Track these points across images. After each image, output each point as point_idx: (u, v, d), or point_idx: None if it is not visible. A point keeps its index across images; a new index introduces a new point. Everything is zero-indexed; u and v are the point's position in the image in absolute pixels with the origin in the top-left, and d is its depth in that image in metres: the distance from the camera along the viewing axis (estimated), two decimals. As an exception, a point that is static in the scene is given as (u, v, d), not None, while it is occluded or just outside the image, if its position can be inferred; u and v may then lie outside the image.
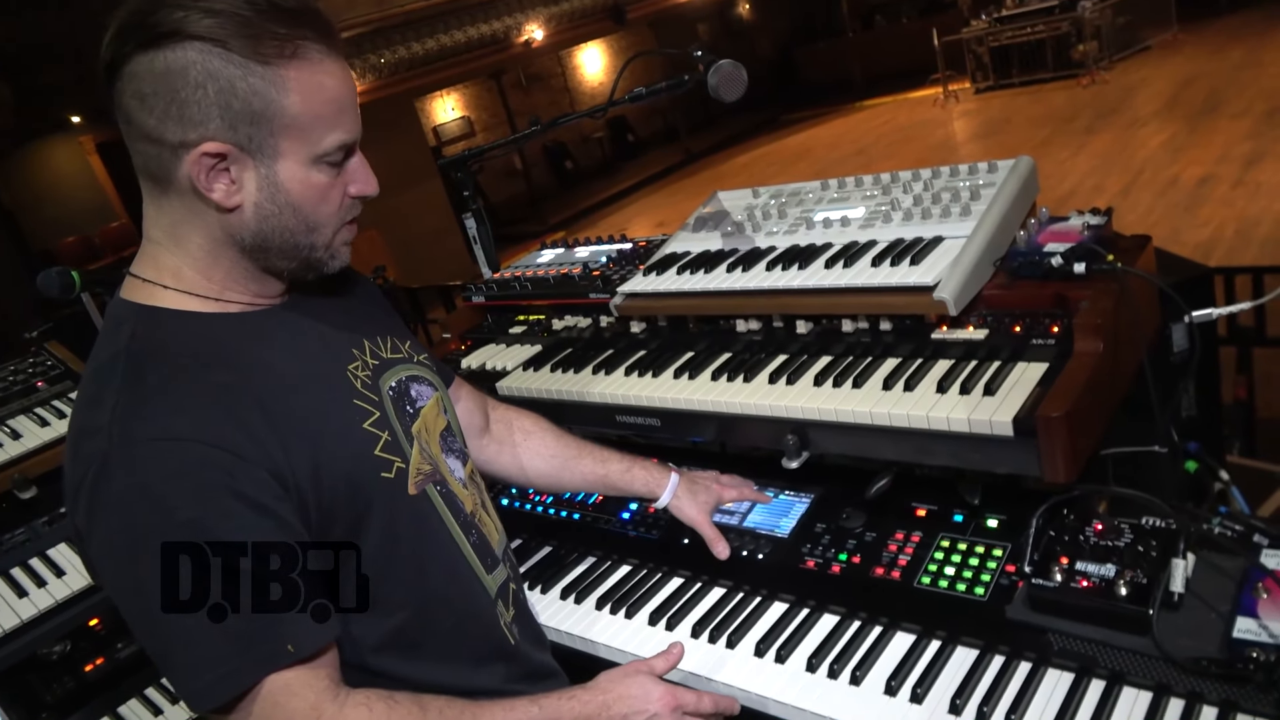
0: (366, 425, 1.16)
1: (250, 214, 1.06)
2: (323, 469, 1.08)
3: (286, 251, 1.10)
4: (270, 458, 1.02)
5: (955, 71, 13.38)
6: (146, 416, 0.99)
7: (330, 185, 1.09)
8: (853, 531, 1.60)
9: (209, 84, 0.98)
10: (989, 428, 1.34)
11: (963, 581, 1.41)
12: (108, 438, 0.97)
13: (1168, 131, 8.77)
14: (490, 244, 2.57)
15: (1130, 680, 1.21)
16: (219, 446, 0.99)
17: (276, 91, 1.00)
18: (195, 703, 0.98)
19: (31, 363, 2.46)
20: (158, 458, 0.97)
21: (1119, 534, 1.31)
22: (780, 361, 1.70)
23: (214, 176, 1.02)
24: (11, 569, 2.09)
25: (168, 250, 1.09)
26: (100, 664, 2.12)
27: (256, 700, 0.98)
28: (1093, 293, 1.43)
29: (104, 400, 1.00)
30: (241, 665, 0.97)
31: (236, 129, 1.00)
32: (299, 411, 1.09)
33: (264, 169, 1.04)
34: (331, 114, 1.05)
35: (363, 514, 1.13)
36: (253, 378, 1.08)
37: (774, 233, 1.92)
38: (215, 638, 0.97)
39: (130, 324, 1.06)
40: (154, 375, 1.02)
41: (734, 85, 1.67)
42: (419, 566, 1.20)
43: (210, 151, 1.00)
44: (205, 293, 1.10)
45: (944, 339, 1.57)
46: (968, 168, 1.82)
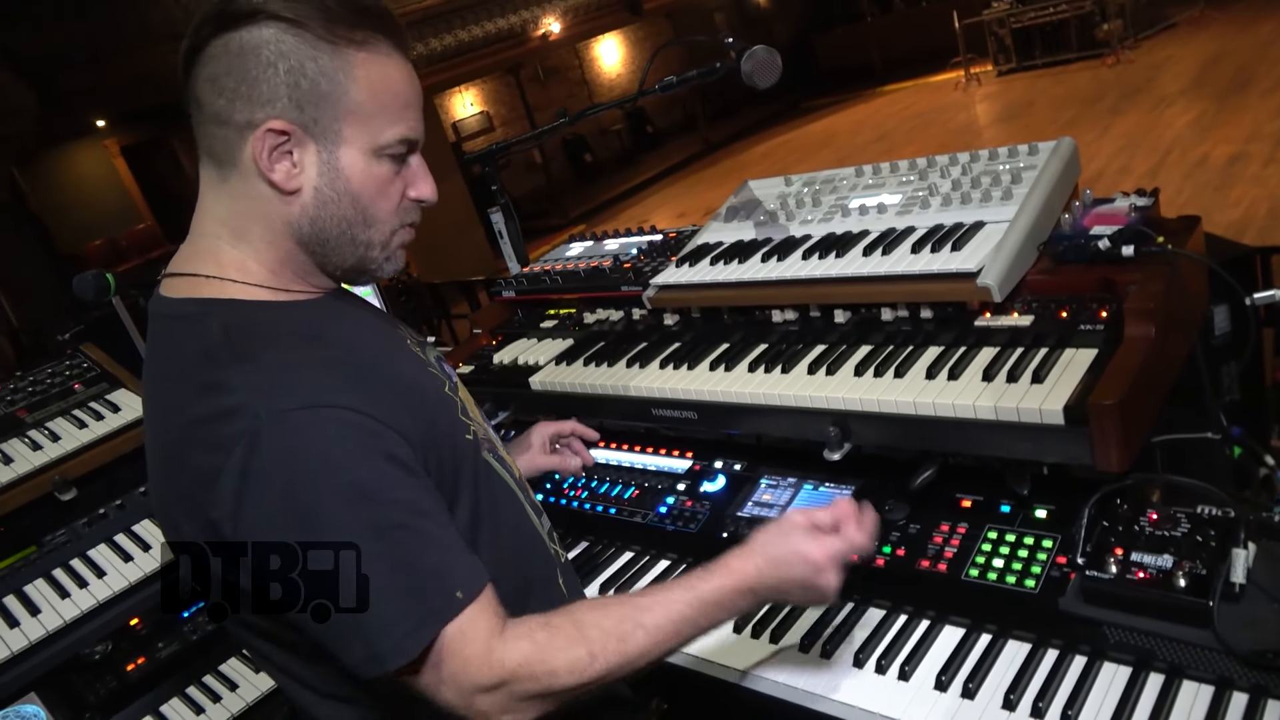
0: (445, 391, 1.20)
1: (310, 198, 1.07)
2: (435, 429, 1.11)
3: (343, 246, 1.11)
4: (400, 422, 1.03)
5: (976, 54, 13.23)
6: (285, 389, 0.98)
7: (390, 180, 1.10)
8: (896, 523, 1.57)
9: (280, 63, 1.01)
10: (1039, 416, 1.31)
11: (1012, 574, 1.39)
12: (253, 415, 0.96)
13: (1195, 110, 8.63)
14: (519, 238, 2.56)
15: (1190, 674, 1.19)
16: (360, 411, 1.00)
17: (344, 76, 1.03)
18: (377, 664, 0.96)
19: (68, 365, 2.47)
20: (312, 425, 0.97)
21: (1175, 524, 1.28)
22: (819, 352, 1.68)
23: (277, 157, 1.04)
24: (53, 570, 2.11)
25: (228, 244, 1.10)
26: (142, 663, 2.13)
27: (435, 652, 0.98)
28: (1142, 276, 1.40)
29: (229, 382, 0.99)
30: (423, 620, 0.97)
31: (303, 109, 1.02)
32: (401, 380, 1.12)
33: (326, 153, 1.05)
34: (396, 108, 1.07)
35: (460, 474, 1.15)
36: (352, 353, 1.09)
37: (808, 221, 1.90)
38: (392, 596, 0.96)
39: (215, 316, 1.05)
40: (270, 352, 1.02)
41: (769, 71, 1.64)
42: (498, 526, 1.22)
43: (275, 129, 1.02)
44: (270, 284, 1.10)
45: (988, 326, 1.53)
46: (1006, 150, 1.78)
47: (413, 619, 0.97)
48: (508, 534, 1.26)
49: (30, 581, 2.09)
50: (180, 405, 1.02)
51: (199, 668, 2.14)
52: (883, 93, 15.57)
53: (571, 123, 2.17)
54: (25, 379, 2.43)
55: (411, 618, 0.97)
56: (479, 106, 15.82)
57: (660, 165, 15.57)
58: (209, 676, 2.13)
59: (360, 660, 0.97)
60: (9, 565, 2.11)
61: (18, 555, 2.13)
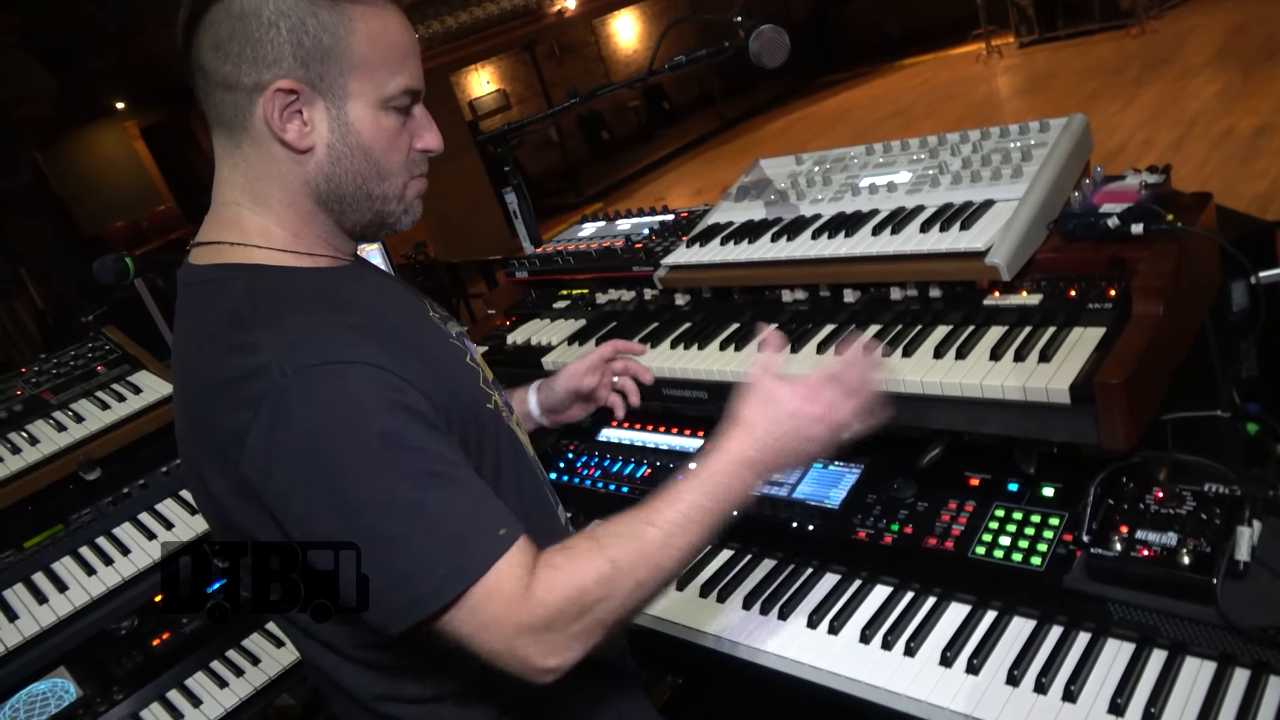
0: (466, 361, 1.22)
1: (323, 155, 1.08)
2: (457, 397, 1.12)
3: (360, 201, 1.12)
4: (423, 381, 1.05)
5: (997, 26, 13.01)
6: (310, 347, 1.00)
7: (398, 132, 1.11)
8: (904, 502, 1.58)
9: (281, 22, 1.02)
10: (1045, 395, 1.31)
11: (1018, 551, 1.40)
12: (279, 371, 0.97)
13: (1221, 81, 8.46)
14: (532, 219, 2.57)
15: (1193, 650, 1.19)
16: (384, 368, 1.01)
17: (344, 30, 1.04)
18: (421, 606, 0.96)
19: (91, 348, 2.52)
20: (337, 378, 0.98)
21: (1181, 501, 1.28)
22: (828, 331, 1.68)
23: (288, 116, 1.05)
24: (80, 548, 2.16)
25: (248, 210, 1.11)
26: (167, 638, 2.18)
27: (474, 596, 0.97)
28: (1151, 254, 1.40)
29: (254, 342, 1.00)
30: (469, 558, 0.97)
31: (309, 66, 1.04)
32: (423, 347, 1.14)
33: (334, 109, 1.07)
34: (397, 58, 1.08)
35: (483, 441, 1.17)
36: (377, 318, 1.11)
37: (819, 200, 1.89)
38: (434, 539, 0.97)
39: (240, 280, 1.07)
40: (294, 316, 1.03)
41: (776, 50, 1.64)
42: (520, 492, 1.24)
43: (283, 88, 1.03)
44: (294, 249, 1.12)
45: (996, 305, 1.54)
46: (1018, 127, 1.77)
47: (455, 559, 0.97)
48: (530, 502, 1.28)
49: (58, 559, 2.14)
50: (208, 367, 1.04)
51: (222, 643, 2.19)
52: (901, 66, 15.36)
53: (582, 102, 2.17)
54: (50, 361, 2.47)
55: (454, 558, 0.97)
56: (495, 84, 15.77)
57: (677, 142, 15.49)
58: (232, 651, 2.18)
59: (400, 607, 0.97)
60: (37, 543, 2.16)
61: (45, 533, 2.18)
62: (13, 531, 2.16)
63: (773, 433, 1.13)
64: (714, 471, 1.11)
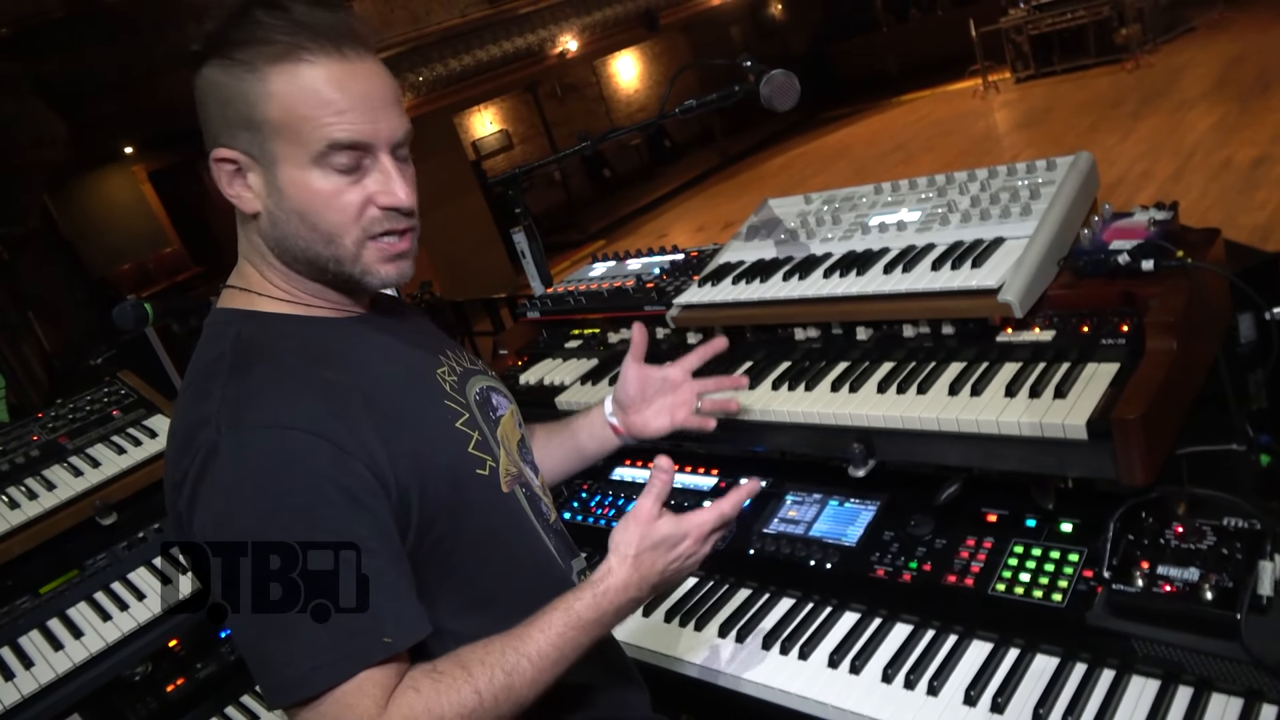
0: (458, 425, 1.20)
1: (266, 221, 1.11)
2: (425, 464, 1.10)
3: (312, 261, 1.11)
4: (370, 453, 1.04)
5: (994, 61, 13.19)
6: (253, 406, 1.02)
7: (337, 192, 1.07)
8: (922, 539, 1.59)
9: (210, 97, 1.07)
10: (1062, 431, 1.32)
11: (1039, 588, 1.40)
12: (215, 427, 1.00)
13: (1218, 113, 8.56)
14: (542, 259, 2.59)
15: (1219, 686, 1.19)
16: (322, 436, 1.01)
17: (258, 96, 1.04)
18: (284, 693, 0.97)
19: (106, 392, 2.53)
20: (265, 444, 1.00)
21: (1201, 536, 1.28)
22: (842, 369, 1.70)
23: (233, 183, 1.09)
24: (95, 593, 2.15)
25: (250, 262, 1.16)
26: (181, 684, 2.17)
27: (328, 699, 0.97)
28: (1163, 289, 1.41)
29: (212, 393, 1.03)
30: (340, 657, 0.97)
31: (236, 136, 1.06)
32: (399, 409, 1.12)
33: (267, 173, 1.07)
34: (325, 115, 1.03)
35: (463, 509, 1.15)
36: (356, 376, 1.11)
37: (829, 239, 1.92)
38: (315, 629, 0.97)
39: (235, 325, 1.11)
40: (260, 369, 1.06)
41: (787, 95, 1.67)
42: (513, 564, 1.23)
43: (222, 157, 1.08)
44: (292, 298, 1.15)
45: (1009, 341, 1.55)
46: (1025, 166, 1.80)
47: (329, 655, 0.97)
48: (530, 570, 1.26)
49: (73, 605, 2.13)
50: (180, 411, 1.09)
51: (236, 687, 2.17)
52: (900, 102, 15.55)
53: (593, 147, 2.21)
54: (66, 406, 2.48)
55: (329, 653, 0.97)
56: (498, 125, 15.96)
57: (679, 179, 15.64)
58: (246, 696, 2.17)
59: (266, 689, 0.99)
60: (53, 589, 2.16)
61: (61, 579, 2.18)
62: (29, 577, 2.16)
63: (664, 571, 1.17)
64: (589, 605, 1.12)
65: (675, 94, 1.87)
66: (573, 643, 1.10)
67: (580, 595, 1.12)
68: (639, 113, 17.50)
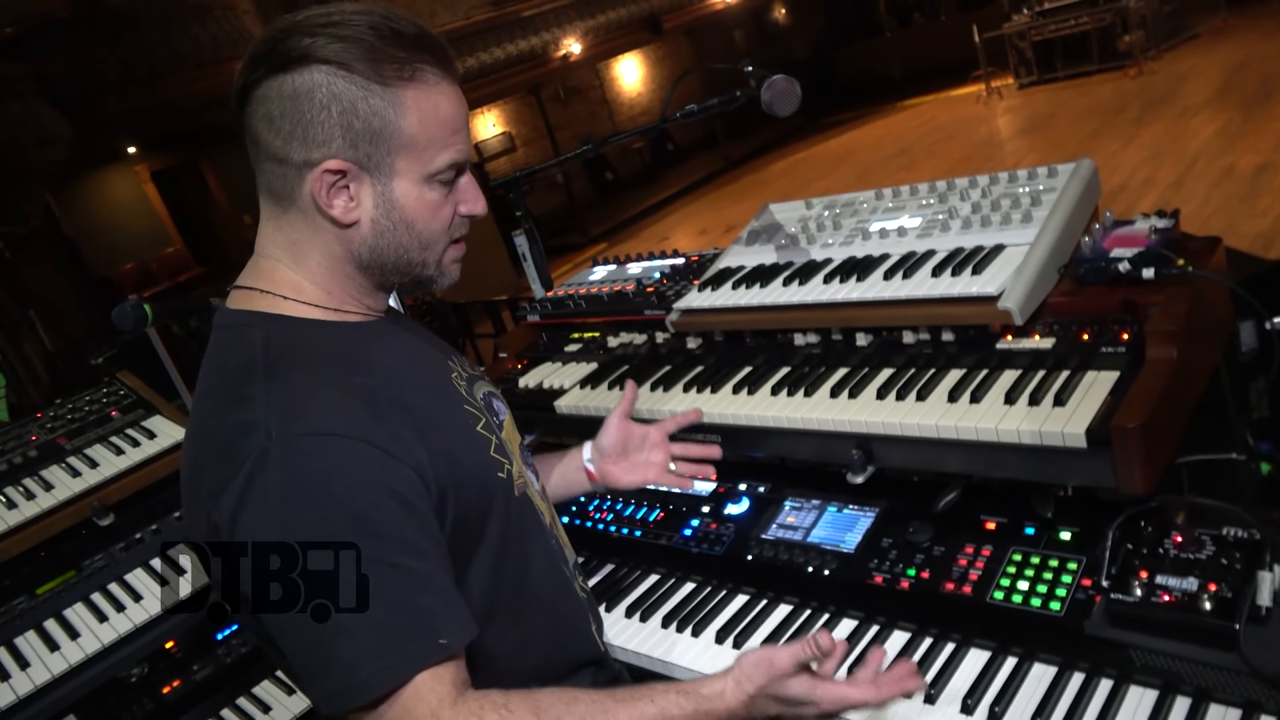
0: (479, 429, 1.21)
1: (368, 229, 1.11)
2: (458, 468, 1.12)
3: (400, 268, 1.16)
4: (415, 457, 1.05)
5: (997, 67, 13.20)
6: (302, 413, 1.01)
7: (441, 203, 1.14)
8: (920, 546, 1.58)
9: (333, 105, 1.04)
10: (1061, 439, 1.32)
11: (1037, 596, 1.39)
12: (264, 433, 0.99)
13: (1221, 120, 8.56)
14: (543, 262, 2.59)
15: (1218, 697, 1.18)
16: (372, 443, 1.02)
17: (395, 113, 1.06)
18: (346, 698, 0.97)
19: (105, 393, 2.53)
20: (319, 451, 0.99)
21: (1200, 546, 1.28)
22: (841, 375, 1.69)
23: (334, 193, 1.08)
24: (92, 594, 2.15)
25: (287, 267, 1.14)
26: (177, 685, 2.17)
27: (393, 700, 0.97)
28: (1164, 298, 1.41)
29: (254, 398, 1.02)
30: (399, 660, 0.98)
31: (357, 147, 1.06)
32: (431, 413, 1.14)
33: (380, 186, 1.09)
34: (445, 135, 1.11)
35: (487, 512, 1.16)
36: (388, 381, 1.12)
37: (829, 244, 1.91)
38: (372, 632, 0.97)
39: (260, 329, 1.10)
40: (299, 375, 1.05)
41: (788, 100, 1.67)
42: (527, 567, 1.23)
43: (332, 169, 1.06)
44: (324, 304, 1.15)
45: (1009, 349, 1.55)
46: (1026, 173, 1.79)
47: (388, 658, 0.98)
48: (539, 573, 1.27)
49: (70, 605, 2.13)
50: (212, 415, 1.07)
51: (233, 690, 2.17)
52: (903, 107, 15.56)
53: (595, 150, 2.21)
54: (65, 406, 2.49)
55: (387, 656, 0.97)
56: (501, 127, 15.98)
57: (681, 182, 15.66)
58: (243, 699, 2.17)
59: (324, 695, 0.98)
60: (50, 589, 2.16)
61: (58, 580, 2.18)
62: (27, 577, 2.16)
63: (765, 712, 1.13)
64: (691, 713, 1.09)
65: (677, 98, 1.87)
66: None
67: (681, 703, 1.09)
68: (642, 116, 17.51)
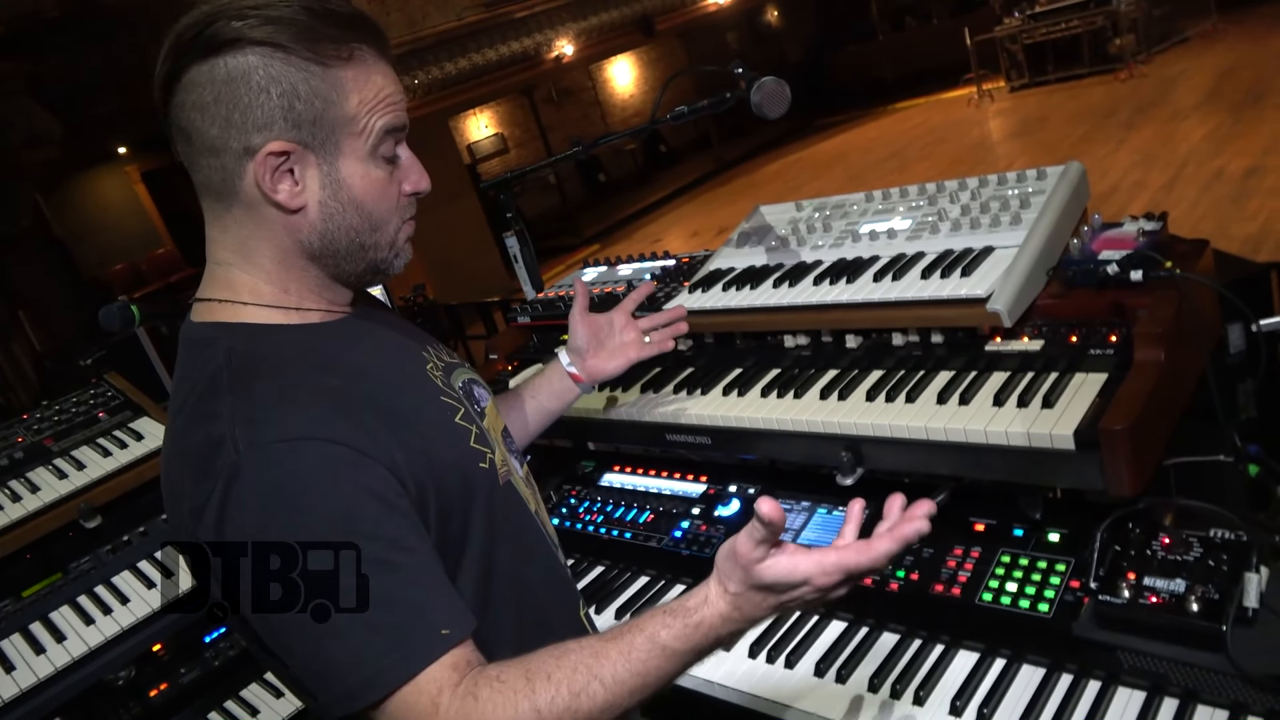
0: (457, 420, 1.19)
1: (315, 214, 1.08)
2: (436, 462, 1.09)
3: (353, 253, 1.12)
4: (389, 455, 1.03)
5: (989, 70, 13.24)
6: (267, 421, 0.99)
7: (387, 181, 1.11)
8: (910, 547, 1.58)
9: (272, 87, 1.01)
10: (1049, 441, 1.32)
11: (1025, 598, 1.39)
12: (233, 447, 0.97)
13: (1211, 123, 8.60)
14: (534, 264, 2.59)
15: (1205, 699, 1.19)
16: (340, 443, 1.00)
17: (337, 94, 1.04)
18: (352, 699, 0.95)
19: (93, 394, 2.52)
20: (288, 457, 0.97)
21: (1187, 548, 1.28)
22: (831, 377, 1.69)
23: (279, 178, 1.05)
24: (79, 597, 2.14)
25: (239, 269, 1.11)
26: (164, 689, 2.15)
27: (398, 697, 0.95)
28: (1152, 300, 1.41)
29: (220, 413, 1.00)
30: (402, 657, 0.96)
31: (300, 129, 1.04)
32: (403, 409, 1.11)
33: (326, 166, 1.07)
34: (382, 106, 1.09)
35: (470, 505, 1.14)
36: (356, 380, 1.10)
37: (819, 246, 1.91)
38: (370, 632, 0.96)
39: (223, 341, 1.07)
40: (263, 383, 1.03)
41: (778, 102, 1.67)
42: (518, 557, 1.22)
43: (275, 150, 1.03)
44: (284, 304, 1.12)
45: (998, 350, 1.55)
46: (1015, 175, 1.80)
47: (392, 654, 0.96)
48: (533, 559, 1.26)
49: (56, 608, 2.12)
50: (182, 433, 1.05)
51: (220, 693, 2.16)
52: (895, 110, 15.60)
53: (585, 152, 2.20)
54: (52, 408, 2.47)
55: (391, 653, 0.96)
56: (493, 128, 15.96)
57: (674, 184, 15.65)
58: (230, 702, 2.15)
59: (331, 698, 0.97)
60: (36, 592, 2.14)
61: (44, 582, 2.17)
62: (12, 580, 2.15)
63: (772, 611, 1.03)
64: (690, 643, 1.01)
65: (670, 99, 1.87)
66: (656, 671, 0.99)
67: (669, 623, 1.02)
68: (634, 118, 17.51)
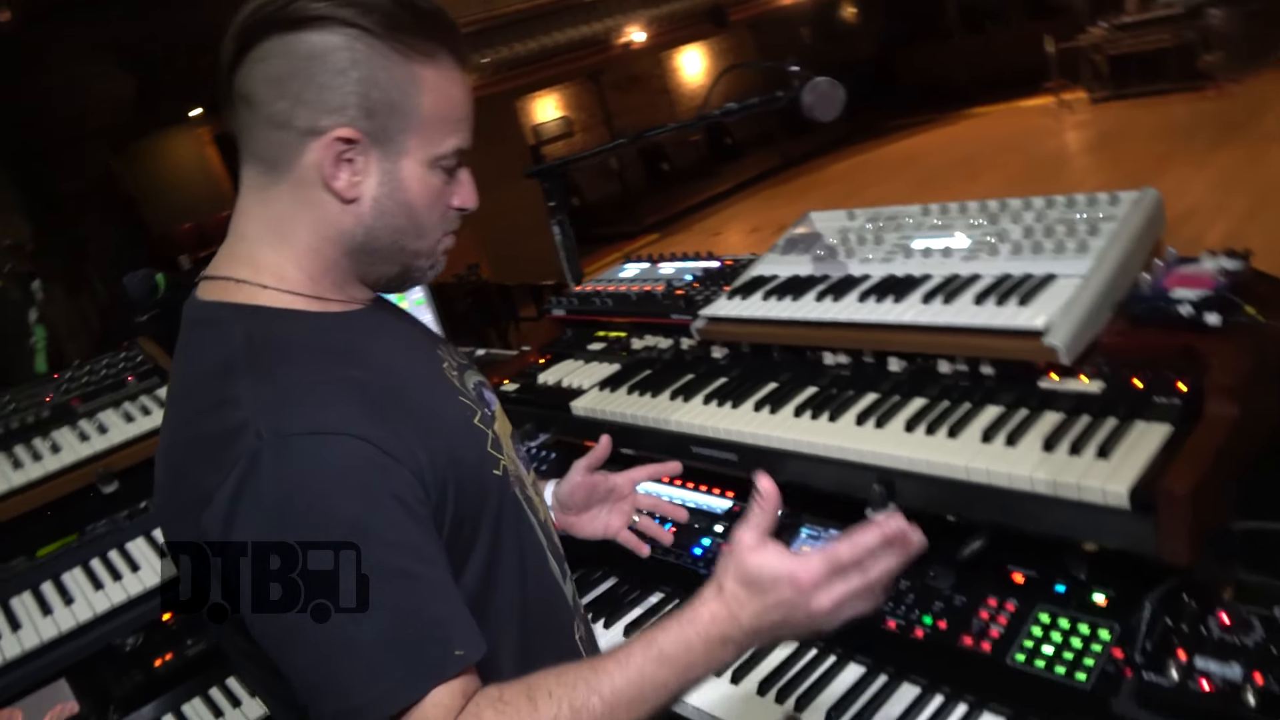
0: (475, 422, 1.14)
1: (368, 208, 1.05)
2: (459, 466, 1.04)
3: (393, 254, 1.10)
4: (413, 456, 0.98)
5: (1069, 79, 12.81)
6: (293, 411, 0.94)
7: (441, 191, 1.09)
8: (940, 593, 1.47)
9: (353, 70, 0.99)
10: (1101, 496, 1.20)
11: (1062, 664, 1.28)
12: (255, 434, 0.91)
13: (1303, 150, 8.20)
14: (574, 254, 2.52)
15: (1256, 799, 1.07)
16: (369, 441, 0.94)
17: (414, 89, 1.02)
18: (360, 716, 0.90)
19: (124, 357, 2.52)
20: (314, 452, 0.92)
21: (1247, 628, 1.16)
22: (870, 401, 1.59)
23: (340, 165, 1.02)
24: (91, 560, 2.13)
25: (269, 247, 1.07)
26: (170, 659, 2.14)
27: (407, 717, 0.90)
28: (1228, 347, 1.28)
29: (241, 399, 0.95)
30: (412, 674, 0.90)
31: (372, 118, 1.01)
32: (428, 408, 1.07)
33: (389, 163, 1.04)
34: (455, 120, 1.08)
35: (481, 512, 1.09)
36: (381, 373, 1.05)
37: (869, 259, 1.81)
38: (381, 647, 0.90)
39: (241, 324, 1.02)
40: (287, 370, 0.98)
41: (830, 105, 1.57)
42: (520, 567, 1.16)
43: (343, 137, 1.00)
44: (308, 292, 1.07)
45: (1053, 389, 1.43)
46: (1085, 198, 1.66)
47: (406, 669, 0.90)
48: (531, 575, 1.19)
49: (69, 570, 2.11)
50: (194, 417, 0.99)
51: (223, 670, 2.14)
52: (969, 115, 15.19)
53: (630, 143, 2.12)
54: (83, 369, 2.47)
55: (397, 672, 0.90)
56: (560, 111, 15.94)
57: (737, 178, 15.47)
58: (232, 679, 2.13)
59: (335, 714, 0.90)
60: (50, 552, 2.14)
61: (59, 542, 2.17)
62: (28, 538, 2.15)
63: (761, 617, 0.97)
64: (684, 645, 0.96)
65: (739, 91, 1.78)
66: (653, 681, 0.95)
67: (665, 625, 0.98)
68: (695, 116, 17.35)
